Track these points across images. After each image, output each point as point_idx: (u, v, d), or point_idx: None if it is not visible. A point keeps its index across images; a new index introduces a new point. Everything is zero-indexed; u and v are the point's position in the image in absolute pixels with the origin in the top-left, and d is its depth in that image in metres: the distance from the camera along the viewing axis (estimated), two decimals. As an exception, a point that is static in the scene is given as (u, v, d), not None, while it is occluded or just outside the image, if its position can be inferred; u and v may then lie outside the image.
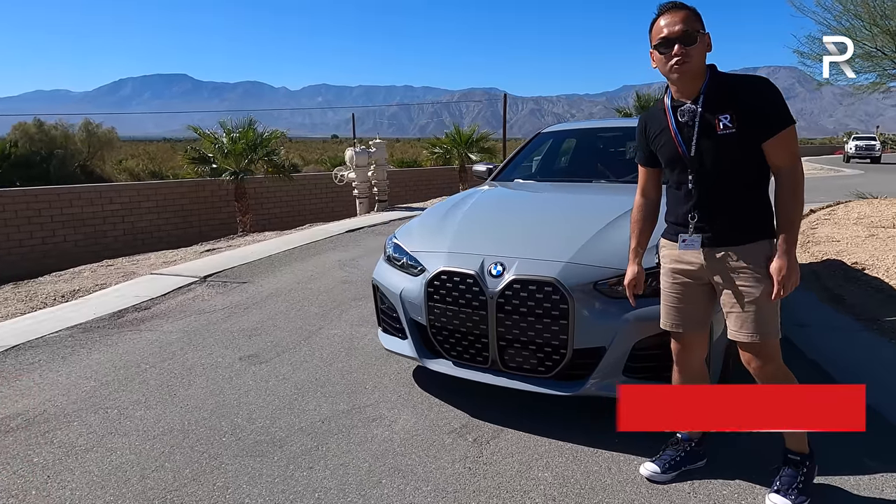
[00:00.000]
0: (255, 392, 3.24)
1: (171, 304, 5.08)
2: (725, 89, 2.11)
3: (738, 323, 2.14)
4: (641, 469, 2.40)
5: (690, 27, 2.08)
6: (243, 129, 13.13)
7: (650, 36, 2.21)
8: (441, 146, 18.36)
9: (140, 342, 4.06)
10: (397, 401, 3.12)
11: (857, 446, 2.53)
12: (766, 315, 2.10)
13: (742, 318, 2.12)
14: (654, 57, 2.19)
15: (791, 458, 2.23)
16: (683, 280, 2.26)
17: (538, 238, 2.98)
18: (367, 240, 8.11)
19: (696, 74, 2.13)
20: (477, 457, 2.56)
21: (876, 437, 2.61)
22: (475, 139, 18.09)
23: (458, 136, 17.93)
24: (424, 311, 2.93)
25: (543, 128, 5.01)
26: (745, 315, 2.11)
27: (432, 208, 3.79)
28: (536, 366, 2.71)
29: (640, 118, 2.45)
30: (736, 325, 2.15)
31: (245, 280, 5.85)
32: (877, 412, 2.85)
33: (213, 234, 14.01)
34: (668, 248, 2.32)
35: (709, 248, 2.16)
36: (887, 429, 2.75)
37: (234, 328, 4.35)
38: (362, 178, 11.20)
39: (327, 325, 4.37)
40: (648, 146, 2.37)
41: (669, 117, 2.21)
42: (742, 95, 2.09)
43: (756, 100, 2.08)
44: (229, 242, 8.30)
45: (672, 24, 2.09)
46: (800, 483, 2.19)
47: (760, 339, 2.10)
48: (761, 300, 2.08)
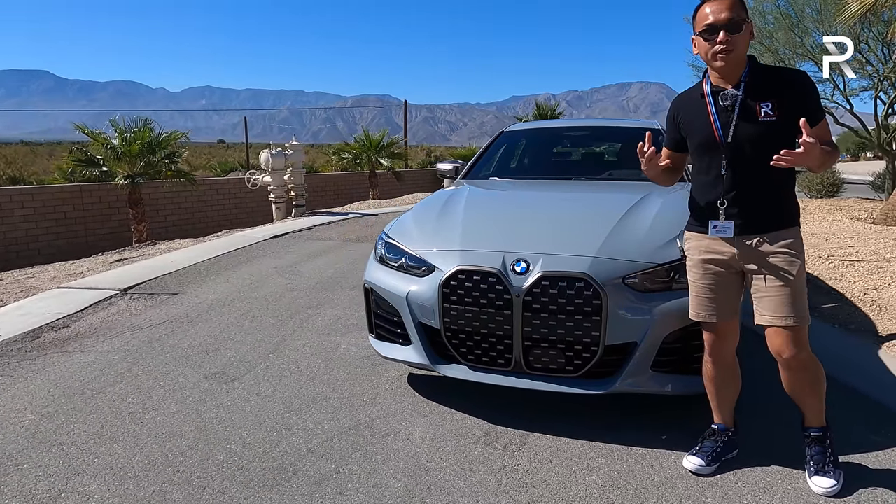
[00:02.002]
0: (238, 413, 2.87)
1: (93, 320, 4.45)
2: (767, 78, 2.17)
3: (771, 306, 2.15)
4: (685, 462, 2.36)
5: (737, 15, 2.10)
6: (138, 129, 12.01)
7: (693, 22, 2.21)
8: (350, 151, 17.94)
9: (74, 365, 3.49)
10: (404, 412, 2.89)
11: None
12: (800, 298, 2.13)
13: (776, 302, 2.13)
14: (698, 43, 2.20)
15: (815, 434, 2.27)
16: (715, 269, 2.26)
17: (556, 234, 2.89)
18: (298, 245, 7.66)
19: (738, 62, 2.16)
20: (515, 465, 2.41)
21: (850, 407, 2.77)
22: (385, 144, 17.86)
23: (367, 141, 17.60)
24: (439, 313, 2.73)
25: (505, 127, 4.97)
26: (779, 299, 2.13)
27: (420, 207, 3.58)
28: (564, 365, 2.61)
29: (672, 103, 2.46)
30: (769, 310, 2.15)
31: (175, 291, 5.28)
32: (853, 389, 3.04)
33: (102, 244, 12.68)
34: (696, 239, 2.32)
35: (740, 236, 2.18)
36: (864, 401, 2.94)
37: (184, 344, 3.87)
38: (279, 181, 10.62)
39: (291, 336, 4.01)
40: (678, 131, 2.39)
41: (709, 102, 2.22)
42: (784, 85, 2.15)
43: (798, 90, 2.14)
44: (141, 251, 7.50)
45: (718, 12, 2.11)
46: (830, 456, 2.24)
47: (796, 322, 2.12)
48: (796, 283, 2.12)
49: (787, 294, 2.12)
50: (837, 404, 2.69)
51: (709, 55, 2.16)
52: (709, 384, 2.43)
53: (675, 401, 2.81)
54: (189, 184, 13.34)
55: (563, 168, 4.26)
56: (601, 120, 5.00)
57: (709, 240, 2.26)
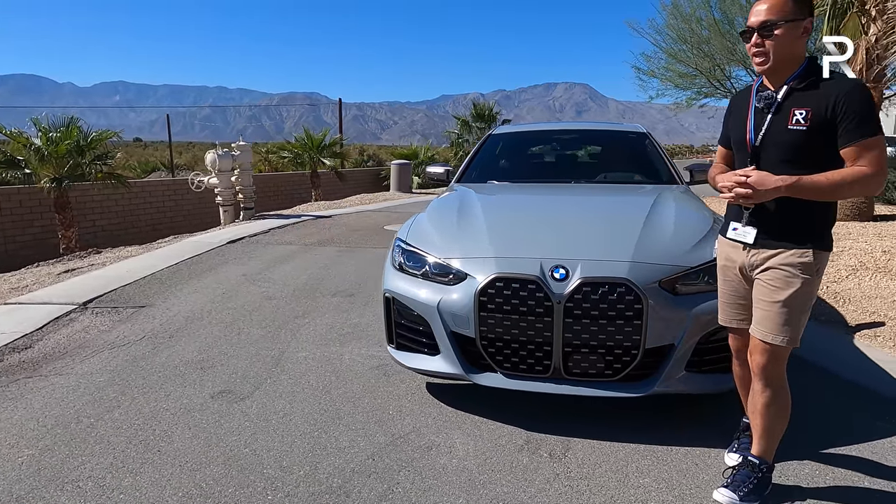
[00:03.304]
0: (263, 434, 2.72)
1: (58, 339, 4.09)
2: (813, 84, 1.99)
3: (759, 318, 2.08)
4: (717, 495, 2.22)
5: (774, 16, 1.96)
6: (64, 128, 11.14)
7: None
8: (291, 150, 17.42)
9: (56, 391, 3.19)
10: (436, 424, 2.82)
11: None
12: (791, 319, 2.02)
13: (764, 315, 2.06)
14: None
15: (751, 460, 2.21)
16: (733, 276, 2.22)
17: (588, 239, 2.90)
18: (259, 251, 7.35)
19: (779, 65, 2.02)
20: (567, 473, 2.41)
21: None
22: (327, 144, 17.47)
23: (309, 141, 17.16)
24: (475, 322, 2.69)
25: (492, 130, 4.95)
26: (768, 313, 2.05)
27: (433, 213, 3.50)
28: (603, 369, 2.64)
29: (731, 98, 2.37)
30: (757, 319, 2.09)
31: (141, 304, 4.94)
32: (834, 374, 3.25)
33: (24, 252, 11.72)
34: (721, 243, 2.28)
35: (751, 247, 2.10)
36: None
37: (174, 361, 3.62)
38: (226, 183, 10.15)
39: (288, 349, 3.84)
40: (728, 126, 2.30)
41: (752, 100, 2.13)
42: (828, 94, 1.95)
43: (839, 102, 1.93)
44: (88, 261, 6.95)
45: (756, 13, 2.00)
46: (752, 483, 2.17)
47: (777, 341, 2.04)
48: (788, 303, 2.01)
49: (776, 311, 2.03)
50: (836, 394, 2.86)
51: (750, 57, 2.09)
52: (738, 381, 2.42)
53: (704, 397, 2.89)
54: (121, 186, 12.52)
55: (559, 171, 4.30)
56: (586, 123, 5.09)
57: (729, 246, 2.20)
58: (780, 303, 2.02)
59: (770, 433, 2.18)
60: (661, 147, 4.42)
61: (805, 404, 2.41)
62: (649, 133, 4.57)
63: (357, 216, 10.98)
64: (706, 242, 2.79)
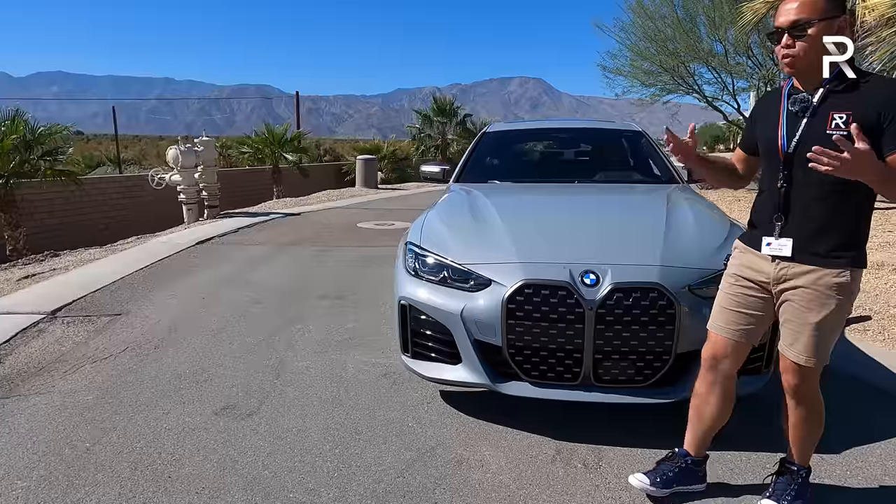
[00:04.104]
0: (280, 454, 2.56)
1: (30, 353, 3.80)
2: (854, 85, 1.86)
3: (790, 338, 1.99)
4: (631, 479, 2.26)
5: (806, 15, 1.83)
6: (9, 122, 10.45)
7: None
8: (251, 146, 16.90)
9: (40, 412, 2.95)
10: (459, 436, 2.73)
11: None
12: (824, 339, 1.94)
13: (796, 336, 1.97)
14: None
15: (790, 467, 2.17)
16: (746, 284, 2.08)
17: (613, 243, 2.85)
18: (231, 252, 7.06)
19: (811, 68, 1.89)
20: (606, 484, 2.35)
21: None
22: (289, 138, 17.03)
23: (270, 136, 16.69)
24: (502, 329, 2.60)
25: (487, 128, 4.85)
26: (800, 334, 1.96)
27: (444, 215, 3.38)
28: (633, 376, 2.59)
29: (758, 100, 2.24)
30: (788, 341, 2.00)
31: (116, 312, 4.65)
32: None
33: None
34: (742, 250, 2.13)
35: (781, 259, 1.97)
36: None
37: (165, 375, 3.40)
38: (189, 181, 9.73)
39: (287, 358, 3.67)
40: (753, 131, 2.16)
41: (783, 104, 1.99)
42: (871, 96, 1.83)
43: (884, 105, 1.79)
44: (49, 265, 6.52)
45: (786, 13, 1.88)
46: (793, 490, 2.14)
47: (810, 363, 1.96)
48: (822, 325, 1.92)
49: (808, 332, 1.93)
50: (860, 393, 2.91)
51: (779, 59, 1.95)
52: (693, 399, 2.27)
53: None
54: (72, 184, 11.86)
55: (560, 171, 4.24)
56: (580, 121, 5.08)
57: (753, 255, 2.06)
58: (813, 325, 1.92)
59: (808, 441, 2.14)
60: (657, 145, 4.43)
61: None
62: (644, 132, 4.58)
63: (327, 214, 10.73)
64: (729, 243, 2.77)
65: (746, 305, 2.09)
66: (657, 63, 12.59)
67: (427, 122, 25.80)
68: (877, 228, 7.37)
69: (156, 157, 45.21)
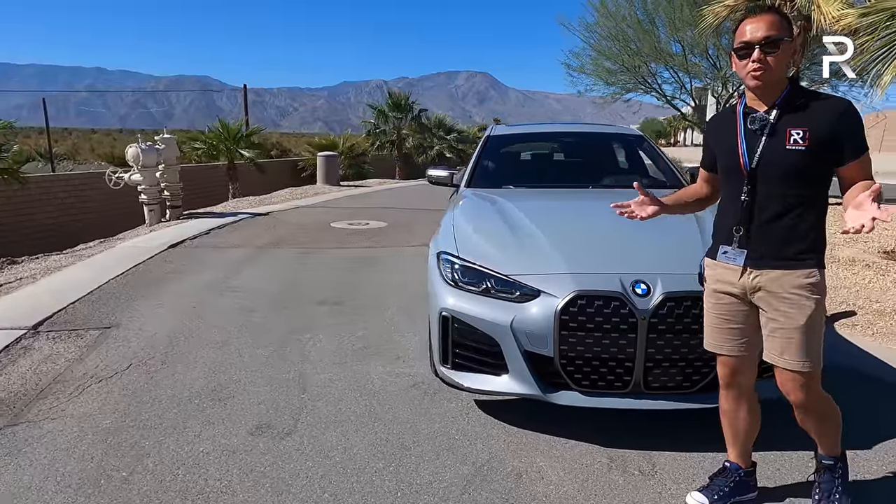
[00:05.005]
0: (335, 475, 2.49)
1: (22, 373, 3.55)
2: (805, 103, 2.00)
3: (779, 348, 2.03)
4: (688, 499, 2.32)
5: (775, 33, 1.95)
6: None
7: (733, 38, 2.08)
8: (205, 141, 16.28)
9: (59, 442, 2.75)
10: (510, 447, 2.72)
11: None
12: (812, 341, 1.99)
13: (783, 344, 2.02)
14: (734, 60, 2.06)
15: (825, 462, 2.23)
16: (728, 300, 2.15)
17: (655, 251, 2.89)
18: (208, 256, 6.80)
19: (774, 83, 2.01)
20: (669, 490, 2.40)
21: None
22: (245, 134, 16.50)
23: (225, 131, 16.12)
24: (554, 340, 2.61)
25: (488, 131, 4.82)
26: (786, 341, 2.01)
27: (473, 223, 3.35)
28: (681, 382, 2.65)
29: (710, 120, 2.36)
30: (777, 350, 2.04)
31: (105, 324, 4.40)
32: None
33: None
34: (711, 266, 2.22)
35: (751, 268, 2.06)
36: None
37: (182, 393, 3.25)
38: (151, 180, 9.27)
39: (307, 371, 3.56)
40: (712, 150, 2.27)
41: (739, 124, 2.09)
42: (823, 114, 1.97)
43: (837, 122, 1.95)
44: (12, 273, 6.09)
45: (756, 30, 1.97)
46: (838, 486, 2.21)
47: (805, 367, 2.00)
48: (808, 326, 1.98)
49: (797, 337, 1.99)
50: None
51: (743, 74, 2.03)
52: (722, 418, 2.33)
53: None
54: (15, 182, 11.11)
55: (574, 175, 4.26)
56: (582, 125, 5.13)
57: (721, 268, 2.15)
58: (799, 328, 1.99)
59: (832, 434, 2.19)
60: (659, 149, 4.53)
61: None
62: (645, 135, 4.67)
63: (297, 213, 10.48)
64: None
65: (734, 319, 2.15)
66: (620, 62, 12.91)
67: (382, 117, 25.56)
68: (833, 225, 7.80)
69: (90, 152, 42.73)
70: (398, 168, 24.83)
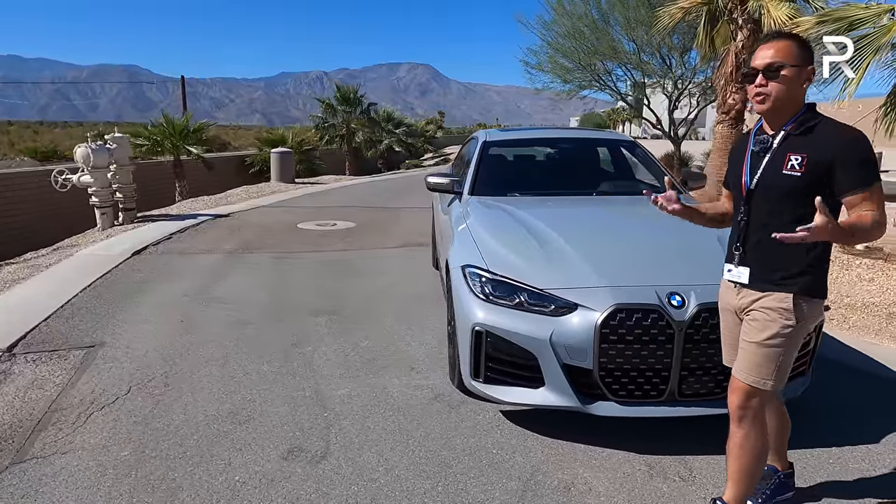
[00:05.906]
0: (385, 499, 2.44)
1: (8, 402, 3.32)
2: (811, 130, 2.02)
3: (738, 356, 2.14)
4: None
5: (780, 59, 1.98)
6: None
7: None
8: (149, 137, 15.51)
9: (78, 478, 2.58)
10: (550, 459, 2.74)
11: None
12: (765, 362, 2.04)
13: (741, 354, 2.11)
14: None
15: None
16: (729, 318, 2.25)
17: (684, 262, 2.96)
18: (178, 263, 6.51)
19: (779, 109, 2.04)
20: (711, 495, 2.49)
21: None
22: (192, 129, 15.85)
23: (171, 127, 15.42)
24: (594, 353, 2.65)
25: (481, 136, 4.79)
26: (744, 352, 2.10)
27: (496, 235, 3.34)
28: (713, 389, 2.75)
29: (734, 141, 2.45)
30: (736, 357, 2.15)
31: (88, 343, 4.16)
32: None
33: None
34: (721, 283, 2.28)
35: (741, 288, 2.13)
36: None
37: (198, 418, 3.10)
38: (103, 182, 8.75)
39: (321, 387, 3.47)
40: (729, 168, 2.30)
41: (749, 144, 2.16)
42: (826, 142, 1.97)
43: (839, 152, 1.94)
44: (-34, 289, 5.62)
45: (762, 57, 2.01)
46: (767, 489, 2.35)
47: (751, 382, 2.07)
48: (764, 345, 2.03)
49: (750, 350, 2.07)
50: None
51: (750, 98, 2.09)
52: None
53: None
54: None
55: (578, 183, 4.27)
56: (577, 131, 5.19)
57: (724, 286, 2.24)
58: (755, 343, 2.05)
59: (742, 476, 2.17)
60: (650, 153, 4.66)
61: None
62: (637, 141, 4.79)
63: (259, 214, 10.17)
64: None
65: (736, 336, 2.21)
66: (576, 60, 13.15)
67: (330, 110, 25.09)
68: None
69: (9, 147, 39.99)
70: (348, 163, 24.45)
